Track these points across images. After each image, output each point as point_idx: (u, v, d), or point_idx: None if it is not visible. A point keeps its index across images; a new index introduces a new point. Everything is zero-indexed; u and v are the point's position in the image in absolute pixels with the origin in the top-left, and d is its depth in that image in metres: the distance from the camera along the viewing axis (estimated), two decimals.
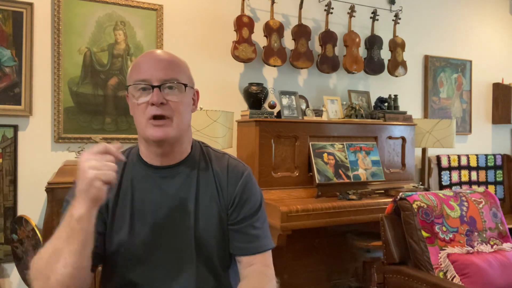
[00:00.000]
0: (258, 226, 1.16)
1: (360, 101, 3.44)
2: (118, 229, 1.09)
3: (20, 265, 2.36)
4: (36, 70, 2.55)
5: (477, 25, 4.28)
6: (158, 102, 1.04)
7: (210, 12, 3.04)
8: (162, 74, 1.06)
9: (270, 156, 2.75)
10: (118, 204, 1.11)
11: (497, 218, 2.24)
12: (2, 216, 2.48)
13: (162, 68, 1.07)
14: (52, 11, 2.58)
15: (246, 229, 1.14)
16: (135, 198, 1.11)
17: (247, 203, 1.16)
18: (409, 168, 3.31)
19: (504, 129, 4.48)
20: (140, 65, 1.08)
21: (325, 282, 3.01)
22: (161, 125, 1.05)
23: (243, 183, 1.17)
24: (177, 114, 1.07)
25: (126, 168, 1.15)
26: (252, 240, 1.14)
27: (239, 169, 1.20)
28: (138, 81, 1.06)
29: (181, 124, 1.09)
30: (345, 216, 2.62)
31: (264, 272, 1.13)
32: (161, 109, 1.05)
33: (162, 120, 1.05)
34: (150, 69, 1.06)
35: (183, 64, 1.15)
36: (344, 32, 3.40)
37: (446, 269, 1.97)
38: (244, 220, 1.15)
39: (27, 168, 2.54)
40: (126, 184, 1.13)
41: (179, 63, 1.12)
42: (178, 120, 1.08)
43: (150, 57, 1.10)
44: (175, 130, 1.07)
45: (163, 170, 1.13)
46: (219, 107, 2.90)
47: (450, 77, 4.08)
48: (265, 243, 1.16)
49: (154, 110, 1.04)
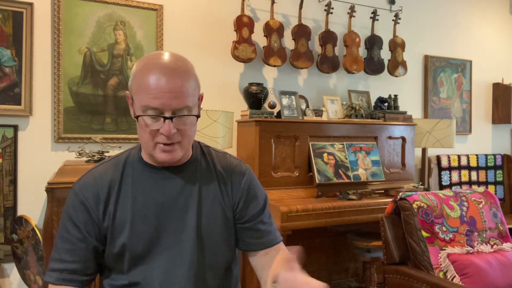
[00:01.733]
0: (266, 221, 1.21)
1: (360, 101, 3.44)
2: (119, 231, 1.08)
3: (20, 265, 2.36)
4: (36, 70, 2.55)
5: (477, 25, 4.28)
6: (171, 134, 1.02)
7: (210, 12, 3.04)
8: (175, 103, 1.01)
9: (270, 156, 2.75)
10: (118, 209, 1.10)
11: (497, 218, 2.24)
12: (2, 216, 2.48)
13: (176, 97, 1.00)
14: (52, 11, 2.58)
15: (257, 225, 1.18)
16: (136, 201, 1.10)
17: (254, 201, 1.19)
18: (409, 168, 3.31)
19: (504, 129, 4.48)
20: (150, 86, 1.00)
21: (325, 282, 2.99)
22: (170, 151, 1.05)
23: (247, 182, 1.19)
24: (186, 138, 1.07)
25: (125, 170, 1.14)
26: (264, 235, 1.19)
27: (241, 168, 1.22)
28: (150, 110, 1.01)
29: (189, 145, 1.11)
30: (345, 216, 2.62)
31: None
32: (171, 139, 1.03)
33: (171, 146, 1.05)
34: (163, 97, 0.99)
35: (194, 78, 1.07)
36: (344, 32, 3.41)
37: (446, 269, 1.97)
38: (254, 217, 1.18)
39: (27, 168, 2.54)
40: (126, 187, 1.12)
41: (190, 84, 1.04)
42: (187, 142, 1.08)
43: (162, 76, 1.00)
44: (182, 151, 1.08)
45: (165, 171, 1.12)
46: (219, 107, 2.90)
47: (450, 77, 4.08)
48: (276, 235, 1.22)
49: (165, 139, 1.03)
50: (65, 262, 1.06)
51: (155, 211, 1.10)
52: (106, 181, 1.11)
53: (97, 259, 1.10)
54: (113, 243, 1.09)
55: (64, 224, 1.10)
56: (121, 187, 1.12)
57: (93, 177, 1.13)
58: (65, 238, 1.08)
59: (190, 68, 1.08)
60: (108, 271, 1.13)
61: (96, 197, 1.09)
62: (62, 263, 1.07)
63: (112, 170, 1.14)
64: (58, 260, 1.07)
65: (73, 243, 1.07)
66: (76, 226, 1.08)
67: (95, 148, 2.59)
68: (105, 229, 1.09)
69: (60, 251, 1.08)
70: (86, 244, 1.08)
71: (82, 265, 1.07)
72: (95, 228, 1.08)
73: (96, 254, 1.09)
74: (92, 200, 1.09)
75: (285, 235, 2.47)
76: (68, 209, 1.11)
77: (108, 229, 1.09)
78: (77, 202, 1.10)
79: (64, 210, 1.11)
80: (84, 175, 1.15)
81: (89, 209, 1.09)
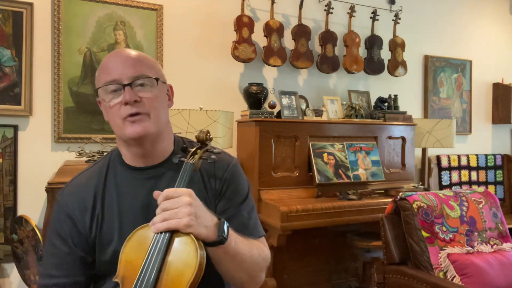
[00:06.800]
0: (245, 214, 1.14)
1: (360, 101, 3.44)
2: (109, 239, 1.06)
3: (20, 265, 2.36)
4: (36, 70, 2.55)
5: (477, 25, 4.28)
6: (132, 100, 1.01)
7: (210, 12, 3.04)
8: (131, 71, 1.02)
9: (270, 156, 2.75)
10: (104, 215, 1.08)
11: (497, 218, 2.24)
12: (2, 216, 2.48)
13: (131, 65, 1.03)
14: (52, 11, 2.58)
15: (234, 218, 1.11)
16: (122, 204, 1.08)
17: (234, 193, 1.14)
18: (409, 168, 3.30)
19: (504, 129, 4.48)
20: (107, 66, 1.04)
21: (325, 282, 3.01)
22: (139, 120, 1.02)
23: (229, 173, 1.15)
24: (153, 109, 1.04)
25: (108, 174, 1.12)
26: (240, 229, 1.10)
27: (225, 160, 1.17)
28: (108, 83, 1.02)
29: (158, 119, 1.06)
30: (345, 216, 2.62)
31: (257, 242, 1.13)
32: (136, 107, 1.02)
33: (139, 115, 1.02)
34: (118, 68, 1.02)
35: (152, 60, 1.12)
36: (344, 32, 3.40)
37: (446, 269, 1.97)
38: (231, 209, 1.12)
39: (27, 168, 2.54)
40: (110, 193, 1.10)
41: (147, 59, 1.09)
42: (155, 115, 1.05)
43: (116, 56, 1.06)
44: (154, 125, 1.04)
45: (147, 171, 1.10)
46: (219, 107, 2.90)
47: (450, 77, 4.08)
48: (255, 230, 1.15)
49: (129, 109, 1.01)
50: (53, 278, 1.05)
51: (142, 213, 1.07)
52: (90, 189, 1.10)
53: (86, 272, 1.08)
54: (103, 250, 1.07)
55: (50, 239, 1.08)
56: (105, 193, 1.10)
57: (77, 186, 1.12)
58: (51, 253, 1.07)
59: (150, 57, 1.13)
60: (102, 280, 1.11)
61: (81, 206, 1.08)
62: (51, 278, 1.05)
63: (95, 176, 1.12)
64: (47, 276, 1.06)
65: (61, 257, 1.06)
66: (62, 239, 1.07)
67: (95, 148, 2.59)
68: (92, 240, 1.07)
69: (48, 266, 1.07)
70: (73, 257, 1.06)
71: (71, 279, 1.06)
72: (82, 239, 1.07)
73: (84, 266, 1.08)
74: (77, 211, 1.08)
75: (285, 235, 2.47)
76: (53, 223, 1.10)
77: (96, 238, 1.07)
78: (62, 214, 1.09)
79: (50, 224, 1.10)
80: (67, 186, 1.14)
81: (75, 220, 1.07)
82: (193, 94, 2.93)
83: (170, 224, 0.91)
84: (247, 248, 1.03)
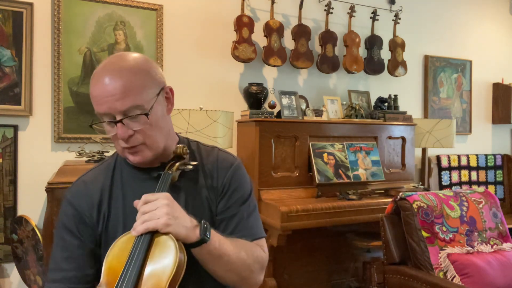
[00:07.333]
0: (246, 216, 1.14)
1: (360, 101, 3.44)
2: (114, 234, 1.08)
3: (20, 265, 2.36)
4: (36, 70, 2.55)
5: (477, 25, 4.28)
6: (125, 137, 1.02)
7: (210, 12, 3.04)
8: (120, 104, 0.99)
9: (270, 156, 2.75)
10: (111, 212, 1.10)
11: (497, 218, 2.24)
12: (2, 216, 2.48)
13: (119, 98, 0.99)
14: (52, 11, 2.58)
15: (233, 218, 1.12)
16: (127, 202, 1.10)
17: (236, 192, 1.15)
18: (409, 168, 3.31)
19: (504, 129, 4.48)
20: (94, 94, 1.03)
21: (325, 282, 3.01)
22: (136, 152, 1.05)
23: (232, 173, 1.16)
24: (148, 138, 1.04)
25: (115, 173, 1.14)
26: (241, 230, 1.12)
27: (229, 160, 1.19)
28: (100, 115, 1.04)
29: (156, 144, 1.07)
30: (345, 216, 2.62)
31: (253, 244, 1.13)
32: (130, 142, 1.03)
33: (135, 148, 1.05)
34: (107, 102, 1.00)
35: (141, 78, 1.03)
36: (344, 32, 3.41)
37: (446, 269, 1.97)
38: (231, 209, 1.13)
39: (27, 168, 2.54)
40: (116, 190, 1.12)
41: (134, 82, 1.01)
42: (152, 142, 1.06)
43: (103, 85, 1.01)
44: (152, 151, 1.07)
45: (151, 171, 1.12)
46: (219, 107, 2.90)
47: (450, 77, 4.08)
48: (255, 231, 1.15)
49: (124, 144, 1.04)
50: (63, 271, 1.06)
51: None
52: (97, 187, 1.12)
53: (95, 266, 1.09)
54: (108, 246, 1.07)
55: (59, 234, 1.09)
56: (112, 190, 1.12)
57: (85, 183, 1.13)
58: (61, 246, 1.08)
59: (136, 65, 1.04)
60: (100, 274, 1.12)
61: (89, 202, 1.10)
62: (61, 272, 1.06)
63: (102, 175, 1.14)
64: (57, 270, 1.07)
65: (70, 250, 1.07)
66: (71, 233, 1.08)
67: (95, 148, 2.59)
68: (99, 233, 1.09)
69: (58, 260, 1.08)
70: (84, 250, 1.07)
71: (81, 272, 1.06)
72: (90, 231, 1.09)
73: (94, 259, 1.09)
74: (85, 207, 1.09)
75: (285, 235, 2.47)
76: (62, 218, 1.11)
77: (102, 232, 1.09)
78: (70, 210, 1.10)
79: (58, 221, 1.11)
80: (74, 183, 1.15)
81: (83, 216, 1.09)
82: (193, 94, 2.93)
83: (149, 225, 0.94)
84: (234, 249, 1.04)
